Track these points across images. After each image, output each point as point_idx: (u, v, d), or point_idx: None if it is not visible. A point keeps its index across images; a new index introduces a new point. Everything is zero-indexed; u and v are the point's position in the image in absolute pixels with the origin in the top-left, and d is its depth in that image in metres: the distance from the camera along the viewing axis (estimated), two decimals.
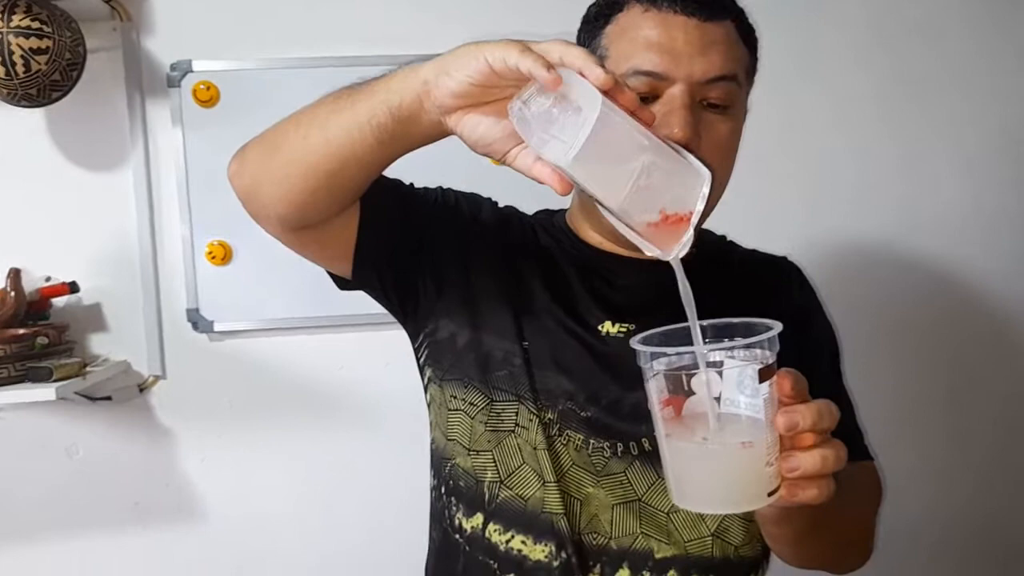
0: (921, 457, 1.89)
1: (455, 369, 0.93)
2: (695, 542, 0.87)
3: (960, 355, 1.92)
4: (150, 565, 1.75)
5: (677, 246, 0.65)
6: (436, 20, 1.74)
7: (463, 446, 0.91)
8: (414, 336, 1.00)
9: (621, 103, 0.63)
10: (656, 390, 0.64)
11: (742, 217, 0.99)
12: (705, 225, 0.96)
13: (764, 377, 0.60)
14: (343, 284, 0.98)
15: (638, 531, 0.87)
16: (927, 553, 1.90)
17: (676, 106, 0.81)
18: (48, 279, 1.66)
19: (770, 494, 0.61)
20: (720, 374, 0.61)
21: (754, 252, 1.05)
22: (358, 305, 1.08)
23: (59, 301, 1.66)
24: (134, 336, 1.71)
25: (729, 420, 0.61)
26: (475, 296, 0.94)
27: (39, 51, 1.47)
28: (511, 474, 0.89)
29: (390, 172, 0.86)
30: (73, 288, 1.65)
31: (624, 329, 0.91)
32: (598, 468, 0.87)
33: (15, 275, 1.59)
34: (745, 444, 0.60)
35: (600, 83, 0.61)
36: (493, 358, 0.91)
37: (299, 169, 0.81)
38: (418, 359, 1.00)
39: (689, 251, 0.66)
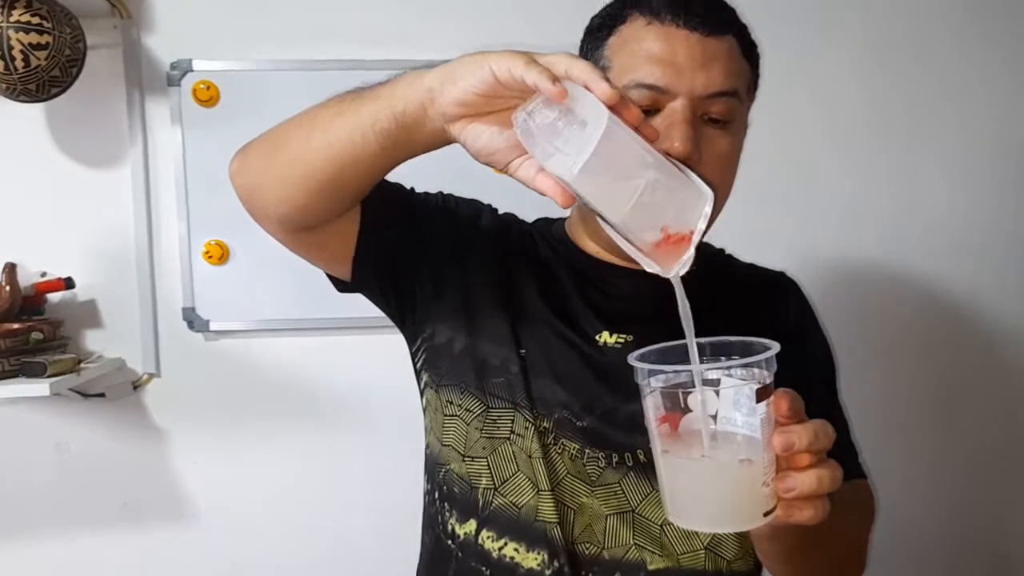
0: (911, 472, 1.90)
1: (452, 374, 0.93)
2: (688, 555, 0.87)
3: (951, 371, 1.93)
4: (139, 565, 1.74)
5: (677, 264, 0.65)
6: (437, 23, 1.74)
7: (458, 452, 0.91)
8: (411, 340, 1.00)
9: (626, 119, 0.62)
10: (653, 407, 0.64)
11: (734, 232, 0.99)
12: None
13: (761, 397, 0.60)
14: (342, 286, 0.98)
15: (631, 542, 0.87)
16: (915, 567, 1.90)
17: (677, 120, 0.80)
18: (44, 274, 1.66)
19: (766, 514, 0.61)
20: (717, 393, 0.61)
21: (752, 266, 1.05)
22: (353, 308, 1.08)
23: (54, 297, 1.66)
24: (129, 333, 1.71)
25: (726, 439, 0.61)
26: (473, 302, 0.94)
27: (39, 47, 1.46)
28: (505, 481, 0.89)
29: (391, 176, 0.86)
30: (69, 284, 1.65)
31: (621, 340, 0.91)
32: (593, 478, 0.87)
33: (11, 270, 1.58)
34: (742, 463, 0.60)
35: (606, 98, 0.61)
36: (490, 365, 0.91)
37: (301, 171, 0.81)
38: (415, 363, 1.00)
39: (689, 268, 0.66)
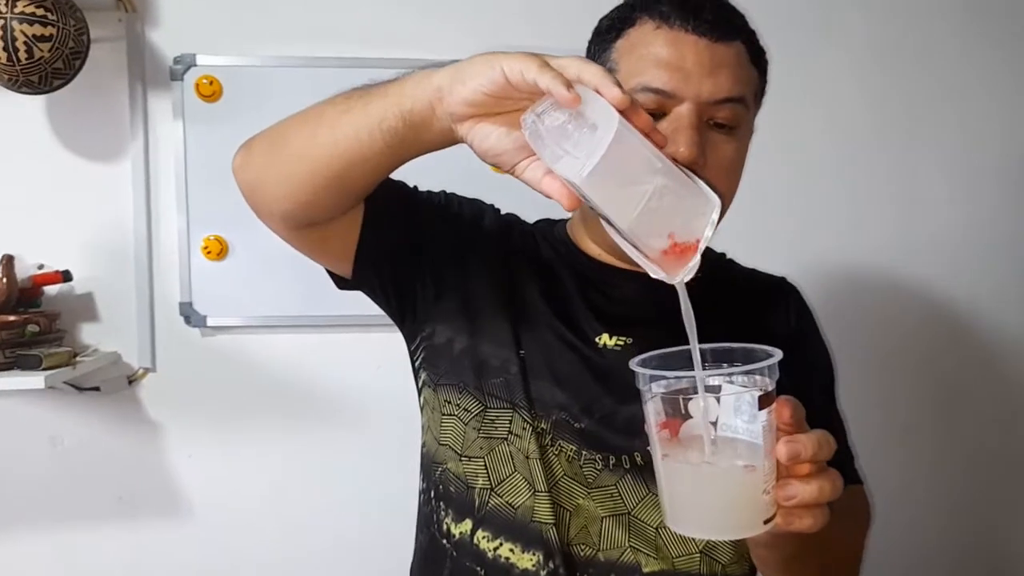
0: (910, 476, 1.90)
1: (451, 374, 0.93)
2: (683, 558, 0.87)
3: (951, 379, 1.93)
4: (134, 560, 1.74)
5: (683, 271, 0.65)
6: (439, 22, 1.74)
7: (455, 451, 0.91)
8: (411, 339, 1.00)
9: (636, 124, 0.62)
10: (654, 412, 0.64)
11: (735, 239, 1.00)
12: None
13: (763, 404, 0.60)
14: (342, 284, 0.98)
15: (627, 544, 0.87)
16: (916, 572, 1.90)
17: (683, 125, 0.81)
18: (41, 267, 1.65)
19: (766, 521, 0.61)
20: (718, 399, 0.61)
21: (754, 271, 1.05)
22: (352, 306, 1.08)
23: (51, 289, 1.65)
24: (125, 327, 1.70)
25: (726, 445, 0.61)
26: (474, 302, 0.94)
27: (42, 38, 1.46)
28: (502, 482, 0.89)
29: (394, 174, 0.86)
30: (66, 277, 1.64)
31: (621, 342, 0.91)
32: (589, 480, 0.87)
33: (8, 261, 1.57)
34: (743, 470, 0.60)
35: (617, 103, 0.61)
36: (489, 365, 0.91)
37: (306, 167, 0.80)
38: (413, 362, 1.00)
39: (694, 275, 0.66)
